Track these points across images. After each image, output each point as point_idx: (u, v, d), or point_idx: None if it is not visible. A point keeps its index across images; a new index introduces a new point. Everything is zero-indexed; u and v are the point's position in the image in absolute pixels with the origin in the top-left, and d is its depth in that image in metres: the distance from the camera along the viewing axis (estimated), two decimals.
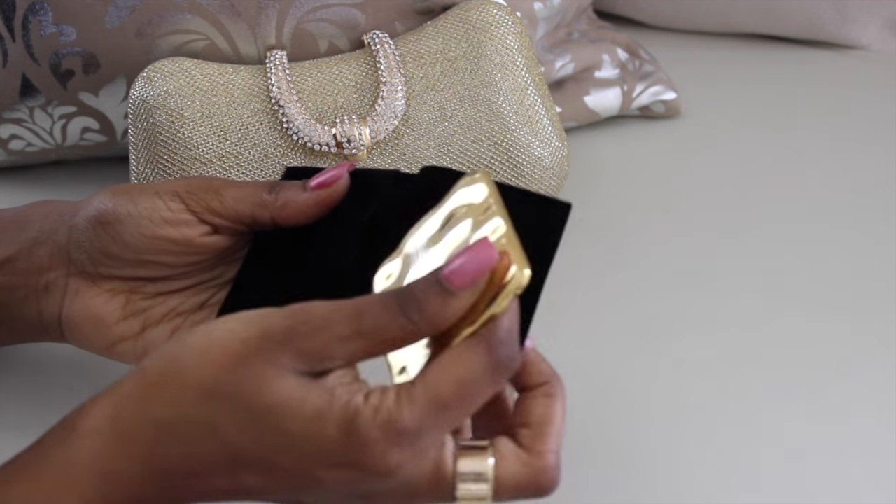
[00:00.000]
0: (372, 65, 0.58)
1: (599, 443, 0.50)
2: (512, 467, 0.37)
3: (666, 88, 0.72)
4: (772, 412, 0.51)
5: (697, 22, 0.81)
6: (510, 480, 0.37)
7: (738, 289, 0.59)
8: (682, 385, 0.53)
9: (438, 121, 0.57)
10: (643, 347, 0.55)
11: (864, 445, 0.50)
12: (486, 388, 0.36)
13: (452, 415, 0.36)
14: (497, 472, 0.37)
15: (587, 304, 0.58)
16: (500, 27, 0.59)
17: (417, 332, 0.36)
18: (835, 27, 0.78)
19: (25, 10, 0.59)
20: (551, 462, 0.38)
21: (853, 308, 0.57)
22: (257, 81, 0.57)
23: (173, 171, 0.55)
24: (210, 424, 0.36)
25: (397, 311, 0.36)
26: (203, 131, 0.56)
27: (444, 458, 0.37)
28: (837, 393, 0.52)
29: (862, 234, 0.62)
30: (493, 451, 0.38)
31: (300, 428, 0.35)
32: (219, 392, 0.36)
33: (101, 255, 0.46)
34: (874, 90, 0.75)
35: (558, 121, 0.60)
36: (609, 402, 0.52)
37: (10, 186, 0.70)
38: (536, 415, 0.39)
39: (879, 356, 0.54)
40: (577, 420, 0.51)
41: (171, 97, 0.56)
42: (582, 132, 0.72)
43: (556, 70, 0.70)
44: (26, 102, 0.62)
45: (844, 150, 0.69)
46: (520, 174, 0.58)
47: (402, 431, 0.35)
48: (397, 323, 0.36)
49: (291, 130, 0.55)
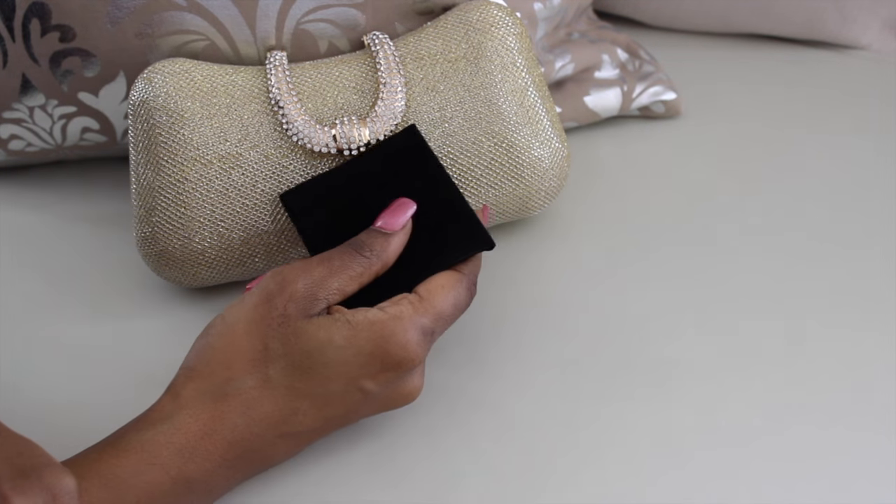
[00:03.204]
0: (372, 66, 0.58)
1: (594, 437, 0.50)
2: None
3: (666, 89, 0.72)
4: (772, 411, 0.51)
5: (697, 22, 0.81)
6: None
7: (738, 289, 0.59)
8: (681, 385, 0.53)
9: (438, 122, 0.57)
10: (643, 347, 0.55)
11: (868, 445, 0.50)
12: (463, 309, 0.48)
13: (445, 329, 0.47)
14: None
15: (587, 304, 0.58)
16: (501, 28, 0.59)
17: (372, 264, 0.47)
18: (835, 27, 0.78)
19: (25, 10, 0.59)
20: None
21: (853, 308, 0.57)
22: (257, 82, 0.57)
23: (173, 173, 0.55)
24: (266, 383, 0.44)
25: (354, 252, 0.47)
26: (203, 132, 0.56)
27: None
28: (838, 392, 0.52)
29: (862, 234, 0.62)
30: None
31: (337, 351, 0.44)
32: (260, 356, 0.44)
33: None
34: (874, 90, 0.75)
35: (559, 122, 0.60)
36: (608, 401, 0.52)
37: (10, 186, 0.70)
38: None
39: (880, 355, 0.54)
40: (576, 418, 0.51)
41: (171, 98, 0.56)
42: (582, 132, 0.72)
43: (556, 70, 0.70)
44: (26, 102, 0.62)
45: (844, 150, 0.69)
46: (520, 175, 0.58)
47: (426, 332, 0.46)
48: (356, 260, 0.47)
49: (291, 131, 0.55)
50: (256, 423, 0.44)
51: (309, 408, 0.45)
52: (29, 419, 0.53)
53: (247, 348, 0.44)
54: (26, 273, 0.63)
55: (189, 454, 0.43)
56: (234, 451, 0.44)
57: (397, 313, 0.45)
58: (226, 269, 0.57)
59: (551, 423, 0.51)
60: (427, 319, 0.46)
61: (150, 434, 0.43)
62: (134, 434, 0.43)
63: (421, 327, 0.45)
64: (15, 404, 0.54)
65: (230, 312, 0.46)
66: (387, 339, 0.44)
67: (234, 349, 0.44)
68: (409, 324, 0.45)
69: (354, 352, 0.44)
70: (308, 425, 0.45)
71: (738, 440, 0.50)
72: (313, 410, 0.45)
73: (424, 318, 0.46)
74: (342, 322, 0.44)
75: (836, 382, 0.53)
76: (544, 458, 0.50)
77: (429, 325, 0.46)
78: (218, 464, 0.43)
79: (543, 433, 0.51)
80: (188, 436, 0.43)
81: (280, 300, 0.45)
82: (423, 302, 0.46)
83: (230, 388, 0.44)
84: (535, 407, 0.52)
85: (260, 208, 0.56)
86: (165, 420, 0.43)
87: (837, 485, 0.48)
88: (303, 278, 0.45)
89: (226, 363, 0.44)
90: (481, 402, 0.52)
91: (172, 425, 0.43)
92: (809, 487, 0.48)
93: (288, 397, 0.44)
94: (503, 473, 0.49)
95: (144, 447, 0.42)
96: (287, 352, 0.44)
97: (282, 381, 0.44)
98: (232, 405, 0.44)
